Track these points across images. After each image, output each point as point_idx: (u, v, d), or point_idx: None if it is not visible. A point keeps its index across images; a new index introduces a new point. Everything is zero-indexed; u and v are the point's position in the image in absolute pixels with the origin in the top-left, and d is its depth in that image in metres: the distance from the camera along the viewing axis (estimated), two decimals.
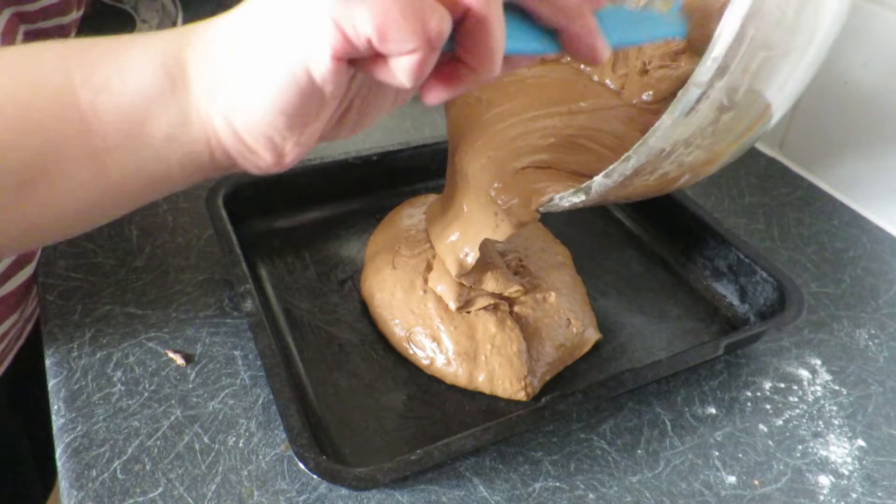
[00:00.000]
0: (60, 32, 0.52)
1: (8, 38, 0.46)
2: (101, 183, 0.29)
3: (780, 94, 0.33)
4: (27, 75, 0.28)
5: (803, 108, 0.69)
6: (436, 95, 0.28)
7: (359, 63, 0.26)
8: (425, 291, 0.47)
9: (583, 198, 0.36)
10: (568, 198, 0.37)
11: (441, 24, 0.24)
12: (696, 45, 0.41)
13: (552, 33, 0.29)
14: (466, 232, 0.44)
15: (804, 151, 0.70)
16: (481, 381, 0.45)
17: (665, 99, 0.43)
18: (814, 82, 0.35)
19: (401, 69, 0.25)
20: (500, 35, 0.25)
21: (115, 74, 0.28)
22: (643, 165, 0.32)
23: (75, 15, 0.53)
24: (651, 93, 0.43)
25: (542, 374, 0.45)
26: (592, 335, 0.48)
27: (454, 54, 0.26)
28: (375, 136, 0.69)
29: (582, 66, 0.46)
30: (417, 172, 0.61)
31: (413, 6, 0.23)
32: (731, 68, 0.29)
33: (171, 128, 0.28)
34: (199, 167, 0.30)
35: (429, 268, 0.49)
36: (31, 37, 0.50)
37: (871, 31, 0.61)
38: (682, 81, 0.42)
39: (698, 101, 0.29)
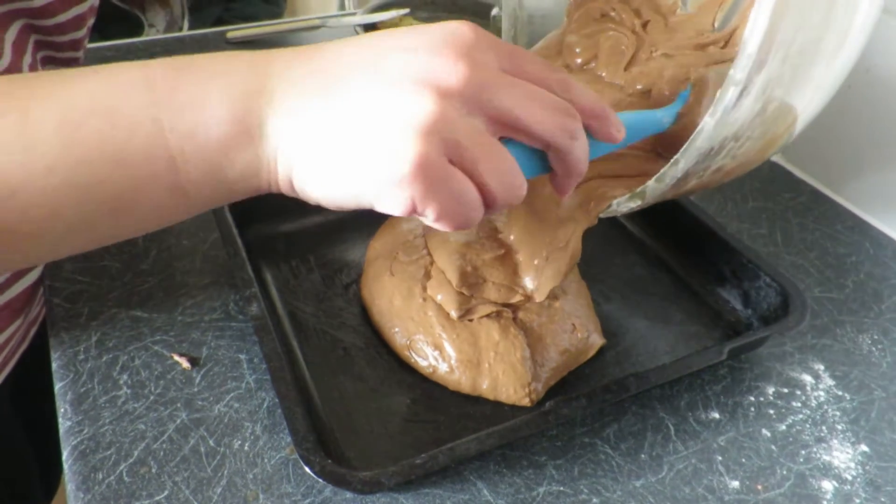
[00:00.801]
0: (73, 46, 0.53)
1: (18, 49, 0.46)
2: (181, 206, 0.33)
3: (828, 74, 0.32)
4: (121, 119, 0.30)
5: None
6: None
7: None
8: (425, 299, 0.47)
9: (639, 202, 0.36)
10: (625, 203, 0.37)
11: (478, 217, 0.31)
12: (664, 140, 0.41)
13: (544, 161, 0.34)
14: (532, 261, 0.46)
15: (807, 156, 0.71)
16: (485, 389, 0.45)
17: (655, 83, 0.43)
18: None
19: (440, 227, 0.31)
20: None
21: (201, 124, 0.31)
22: (693, 166, 0.32)
23: (89, 24, 0.53)
24: (641, 84, 0.44)
25: (546, 380, 0.46)
26: (597, 340, 0.48)
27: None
28: None
29: (601, 73, 0.46)
30: None
31: (462, 211, 0.30)
32: (769, 60, 0.28)
33: (243, 172, 0.32)
34: (258, 193, 0.34)
35: (427, 275, 0.48)
36: (42, 47, 0.50)
37: (875, 37, 0.61)
38: (681, 67, 0.42)
39: (739, 97, 0.29)
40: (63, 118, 0.29)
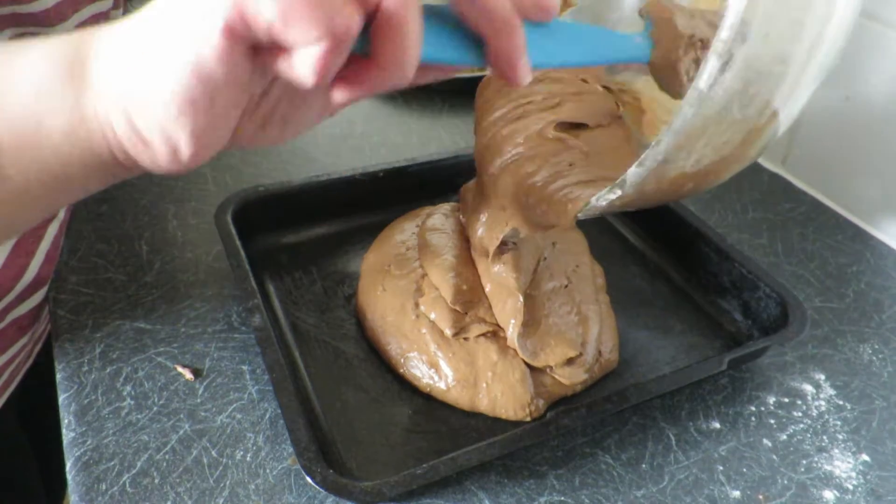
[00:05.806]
0: None
1: None
2: (2, 188, 0.28)
3: (809, 64, 0.32)
4: None
5: (806, 123, 0.69)
6: (342, 95, 0.27)
7: (259, 53, 0.25)
8: (417, 316, 0.47)
9: (619, 193, 0.34)
10: (604, 196, 0.35)
11: (350, 19, 0.23)
12: (658, 73, 0.38)
13: (478, 44, 0.27)
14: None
15: (807, 167, 0.71)
16: (483, 407, 0.45)
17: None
18: (815, 98, 0.35)
19: (302, 63, 0.24)
20: (415, 36, 0.24)
21: (10, 74, 0.27)
22: (674, 151, 0.31)
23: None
24: None
25: (554, 396, 0.46)
26: (613, 362, 0.48)
27: (365, 52, 0.25)
28: (381, 152, 0.70)
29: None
30: (423, 188, 0.62)
31: (317, 4, 0.22)
32: (750, 36, 0.28)
33: (69, 123, 0.27)
34: (101, 165, 0.29)
35: (419, 290, 0.48)
36: None
37: (873, 48, 0.62)
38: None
39: (722, 70, 0.28)
40: None
